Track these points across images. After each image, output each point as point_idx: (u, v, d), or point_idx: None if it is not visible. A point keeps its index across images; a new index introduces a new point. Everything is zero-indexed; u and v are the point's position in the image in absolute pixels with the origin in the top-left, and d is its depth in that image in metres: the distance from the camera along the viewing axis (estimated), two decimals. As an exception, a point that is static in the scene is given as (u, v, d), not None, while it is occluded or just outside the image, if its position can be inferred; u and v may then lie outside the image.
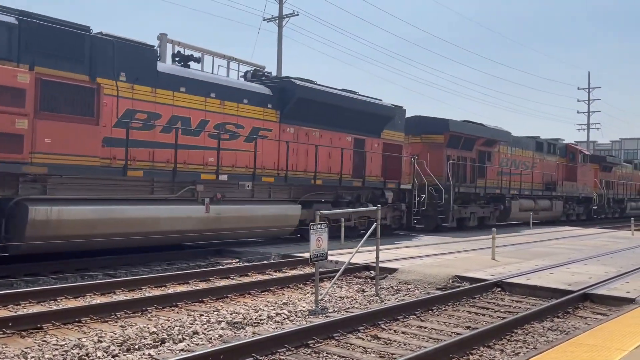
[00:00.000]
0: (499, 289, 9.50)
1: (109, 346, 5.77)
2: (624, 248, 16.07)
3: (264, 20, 31.23)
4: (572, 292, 8.86)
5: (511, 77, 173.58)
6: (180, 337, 6.26)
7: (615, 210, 36.68)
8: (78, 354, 5.52)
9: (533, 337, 6.72)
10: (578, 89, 60.24)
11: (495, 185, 23.42)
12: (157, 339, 6.11)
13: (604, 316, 7.70)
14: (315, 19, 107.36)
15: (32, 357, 5.40)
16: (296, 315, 7.44)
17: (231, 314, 7.37)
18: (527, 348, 6.22)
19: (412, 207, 18.39)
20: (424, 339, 6.53)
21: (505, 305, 8.58)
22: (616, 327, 6.43)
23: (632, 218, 25.90)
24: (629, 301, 8.29)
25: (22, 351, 5.54)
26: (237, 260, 12.24)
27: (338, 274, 8.81)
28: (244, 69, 15.40)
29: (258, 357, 5.58)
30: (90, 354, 5.54)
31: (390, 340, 6.42)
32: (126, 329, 6.49)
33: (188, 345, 6.01)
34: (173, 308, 7.71)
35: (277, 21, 30.60)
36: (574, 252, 14.52)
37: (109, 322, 6.89)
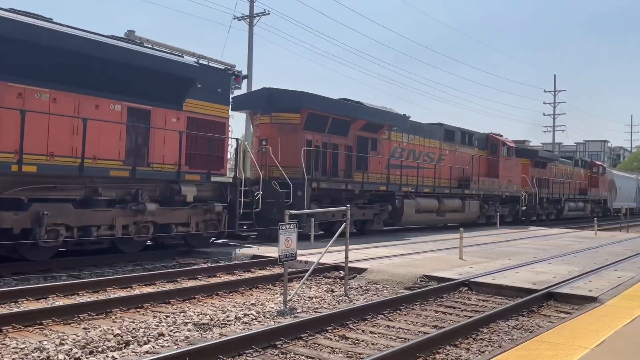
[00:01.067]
0: (466, 288, 9.61)
1: (71, 349, 5.63)
2: (587, 248, 16.44)
3: (234, 18, 31.09)
4: (537, 291, 9.01)
5: (479, 79, 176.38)
6: (145, 339, 6.15)
7: (551, 211, 32.77)
8: (39, 357, 5.38)
9: (498, 335, 6.81)
10: (544, 91, 61.58)
11: (382, 180, 19.21)
12: (121, 342, 5.99)
13: (567, 314, 7.85)
14: (286, 18, 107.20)
15: (-10, 361, 5.24)
16: (264, 316, 7.39)
17: (198, 315, 7.28)
18: (492, 347, 6.29)
19: (237, 207, 13.71)
20: (391, 338, 6.56)
21: (471, 304, 8.68)
22: (579, 325, 6.56)
23: (596, 220, 26.51)
24: (591, 300, 8.47)
25: (-20, 355, 5.37)
26: (205, 260, 12.11)
27: (307, 274, 8.79)
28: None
29: (224, 358, 5.52)
30: (51, 357, 5.40)
31: (358, 340, 6.43)
32: (89, 331, 6.35)
33: (153, 347, 5.91)
34: (138, 309, 7.58)
35: (247, 20, 30.44)
36: (539, 251, 14.79)
37: (72, 325, 6.73)
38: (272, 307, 7.86)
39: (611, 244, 17.98)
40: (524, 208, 28.73)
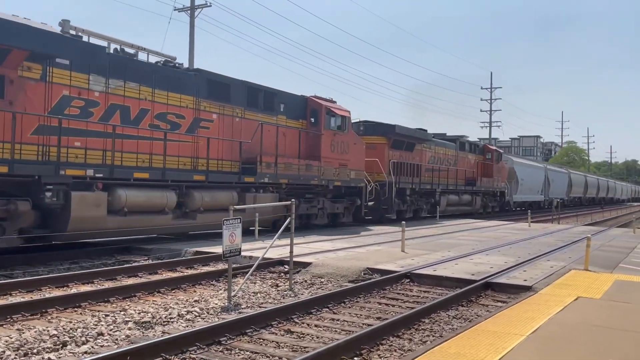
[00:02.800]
0: (408, 280, 9.81)
1: (3, 351, 5.37)
2: (522, 239, 17.13)
3: (175, 10, 30.45)
4: (475, 281, 9.31)
5: (422, 76, 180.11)
6: (83, 339, 5.94)
7: (420, 206, 25.52)
8: (-33, 361, 5.10)
9: (439, 325, 6.99)
10: (481, 88, 63.48)
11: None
12: (57, 342, 5.77)
13: (504, 303, 8.15)
14: (228, 11, 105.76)
15: None
16: (208, 313, 7.29)
17: (139, 313, 7.10)
18: (433, 336, 6.46)
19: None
20: (336, 331, 6.61)
21: (413, 295, 8.87)
22: (515, 314, 6.83)
23: (532, 213, 27.56)
24: (526, 289, 8.83)
25: None
26: (146, 257, 11.83)
27: (252, 269, 8.73)
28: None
29: (167, 356, 5.41)
30: (-19, 361, 5.13)
31: (304, 334, 6.45)
32: (23, 333, 6.07)
33: (92, 347, 5.72)
34: (76, 309, 7.31)
35: (189, 11, 29.85)
36: (477, 243, 15.29)
37: (4, 326, 6.42)
38: (216, 304, 7.76)
39: (544, 235, 18.81)
40: (371, 203, 21.05)
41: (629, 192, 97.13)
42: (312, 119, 18.41)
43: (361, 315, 7.47)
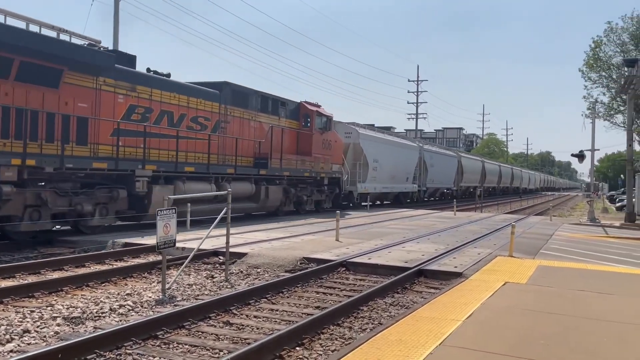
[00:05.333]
0: (344, 269, 9.90)
1: None
2: (450, 227, 17.72)
3: (98, -9, 29.03)
4: (409, 269, 9.53)
5: (354, 68, 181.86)
6: (7, 337, 5.57)
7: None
8: None
9: (377, 312, 7.10)
10: (408, 80, 64.90)
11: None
12: (-21, 342, 5.38)
13: (437, 290, 8.39)
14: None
15: None
16: (142, 306, 7.04)
17: (68, 308, 6.75)
18: (373, 324, 6.54)
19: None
20: (276, 321, 6.57)
21: (350, 284, 8.96)
22: (449, 300, 7.03)
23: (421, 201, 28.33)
24: (457, 275, 9.13)
25: None
26: (72, 250, 11.28)
27: (187, 260, 8.52)
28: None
29: (102, 353, 5.17)
30: None
31: (243, 325, 6.36)
32: (-62, 333, 5.63)
33: (18, 345, 5.38)
34: (-3, 306, 6.86)
35: (113, -7, 28.58)
36: (408, 231, 15.66)
37: None
38: (150, 297, 7.52)
39: (469, 224, 19.56)
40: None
41: (541, 182, 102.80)
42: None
43: (300, 304, 7.46)
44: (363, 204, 26.59)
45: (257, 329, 6.24)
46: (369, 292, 7.80)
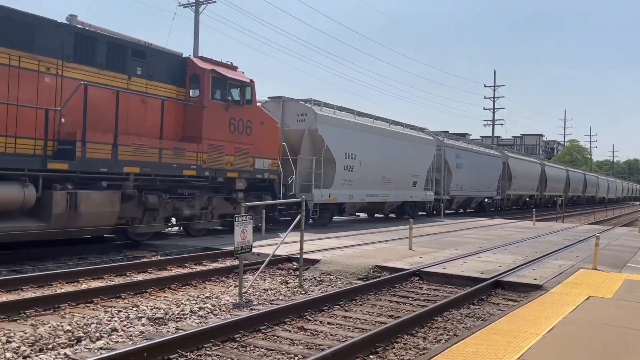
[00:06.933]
0: (417, 278, 9.79)
1: (19, 347, 5.37)
2: (528, 238, 17.09)
3: (179, 5, 30.35)
4: (485, 279, 9.29)
5: (426, 74, 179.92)
6: (97, 334, 5.94)
7: None
8: (-16, 356, 5.10)
9: (452, 324, 6.98)
10: (485, 86, 63.25)
11: None
12: (72, 338, 5.76)
13: (515, 302, 8.14)
14: (233, 6, 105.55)
15: None
16: (220, 309, 7.29)
17: (151, 309, 7.09)
18: (447, 335, 6.44)
19: None
20: (349, 329, 6.60)
21: (424, 293, 8.85)
22: (528, 312, 6.81)
23: (534, 209, 27.36)
24: (537, 287, 8.81)
25: None
26: (155, 253, 11.82)
27: (263, 265, 8.72)
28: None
29: (183, 353, 5.41)
30: (-2, 357, 5.13)
31: (317, 331, 6.44)
32: (38, 328, 6.07)
33: (107, 343, 5.72)
34: (88, 304, 7.31)
35: (193, 7, 29.80)
36: (484, 241, 15.26)
37: (18, 321, 6.42)
38: (228, 300, 7.76)
39: (549, 234, 18.78)
40: None
41: (628, 191, 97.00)
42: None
43: (373, 312, 7.46)
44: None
45: (331, 335, 6.30)
46: (444, 302, 7.68)
